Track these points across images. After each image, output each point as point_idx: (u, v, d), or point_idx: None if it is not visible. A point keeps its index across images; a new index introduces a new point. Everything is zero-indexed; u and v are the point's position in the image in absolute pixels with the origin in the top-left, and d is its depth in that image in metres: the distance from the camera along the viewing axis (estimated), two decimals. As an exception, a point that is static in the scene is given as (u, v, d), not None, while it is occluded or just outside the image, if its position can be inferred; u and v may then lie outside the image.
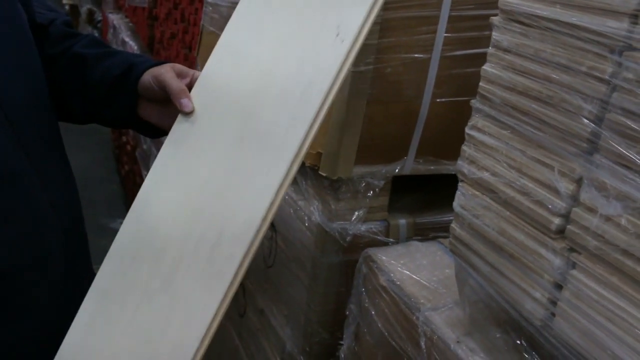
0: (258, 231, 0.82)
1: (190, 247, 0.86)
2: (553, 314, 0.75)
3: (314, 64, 0.88)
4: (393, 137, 1.31)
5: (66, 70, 1.04)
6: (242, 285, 1.74)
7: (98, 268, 0.91)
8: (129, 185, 3.72)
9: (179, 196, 0.90)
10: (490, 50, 0.85)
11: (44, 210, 0.92)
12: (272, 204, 0.83)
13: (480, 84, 0.86)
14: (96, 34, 4.41)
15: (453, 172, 1.33)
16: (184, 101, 0.93)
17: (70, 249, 0.97)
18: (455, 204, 0.91)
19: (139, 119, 1.03)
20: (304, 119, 0.85)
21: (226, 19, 1.00)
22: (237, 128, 0.89)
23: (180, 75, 0.97)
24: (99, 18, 4.88)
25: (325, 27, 0.89)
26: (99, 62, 1.03)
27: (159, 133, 1.06)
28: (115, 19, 3.91)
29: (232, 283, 0.81)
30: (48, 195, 0.93)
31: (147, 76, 0.98)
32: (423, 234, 1.38)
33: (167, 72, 0.96)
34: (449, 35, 1.26)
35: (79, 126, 1.17)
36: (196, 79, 0.97)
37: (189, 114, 0.93)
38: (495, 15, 0.84)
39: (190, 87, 0.96)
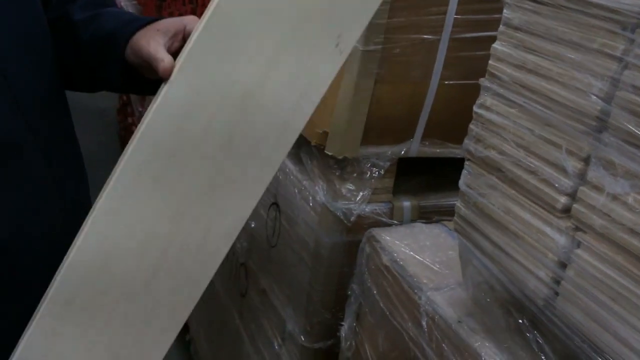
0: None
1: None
2: (556, 293, 0.75)
3: (309, 74, 0.81)
4: (400, 118, 1.30)
5: (60, 36, 0.97)
6: (245, 266, 1.75)
7: None
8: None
9: (156, 204, 0.80)
10: (500, 28, 0.84)
11: (47, 185, 0.90)
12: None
13: (490, 62, 0.85)
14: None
15: (459, 156, 1.34)
16: (163, 71, 0.77)
17: (71, 231, 0.91)
18: (461, 182, 0.90)
19: (137, 78, 0.92)
20: (295, 129, 0.83)
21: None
22: (223, 136, 0.80)
23: (168, 35, 0.85)
24: (107, -1, 4.86)
25: (325, 36, 0.80)
26: (88, 24, 0.96)
27: None
28: (122, 0, 3.89)
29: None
30: (52, 171, 0.90)
31: (128, 51, 0.89)
32: (427, 216, 1.38)
33: (144, 47, 0.84)
34: (458, 17, 1.25)
35: (84, 108, 1.17)
36: (190, 31, 0.82)
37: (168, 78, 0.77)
38: (506, -4, 0.84)
39: (184, 40, 0.83)
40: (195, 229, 0.83)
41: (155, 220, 0.80)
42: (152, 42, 0.84)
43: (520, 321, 0.85)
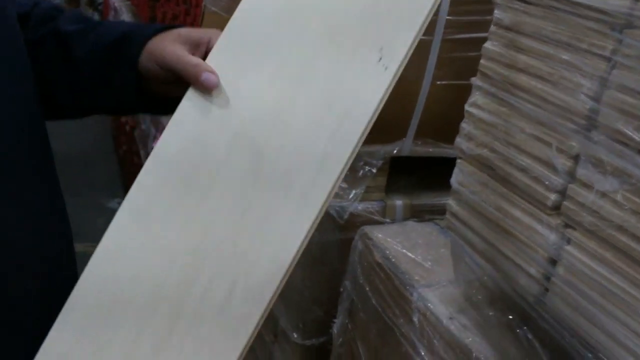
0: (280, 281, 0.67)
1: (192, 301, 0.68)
2: (547, 290, 0.76)
3: (348, 92, 0.70)
4: (392, 117, 1.31)
5: (50, 54, 0.84)
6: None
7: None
8: (127, 165, 3.73)
9: (173, 237, 0.69)
10: (491, 28, 0.85)
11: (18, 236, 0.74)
12: (296, 253, 0.67)
13: (481, 61, 0.87)
14: (97, 17, 4.39)
15: (451, 156, 1.35)
16: (205, 77, 0.70)
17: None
18: (452, 180, 0.91)
19: (147, 94, 0.81)
20: (337, 160, 0.68)
21: (230, -1, 0.83)
22: (249, 167, 0.69)
23: (190, 44, 0.76)
24: (100, 0, 4.86)
25: (365, 50, 0.71)
26: (84, 36, 0.83)
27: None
28: (116, 1, 3.89)
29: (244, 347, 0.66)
30: (26, 220, 0.75)
31: (145, 56, 0.77)
32: (419, 215, 1.39)
33: (169, 51, 0.75)
34: (450, 18, 1.27)
35: None
36: (212, 45, 0.74)
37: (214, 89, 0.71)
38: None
39: (206, 55, 0.74)
40: (218, 284, 0.68)
41: (171, 255, 0.69)
42: (177, 46, 0.75)
43: (510, 317, 0.86)
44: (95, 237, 0.75)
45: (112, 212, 0.74)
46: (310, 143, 0.69)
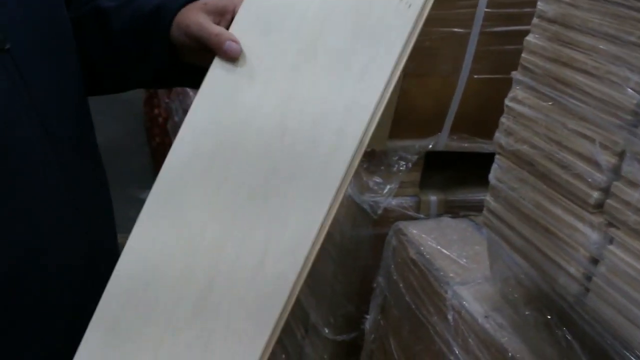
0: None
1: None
2: (587, 290, 0.74)
3: (369, 39, 0.66)
4: (428, 111, 1.29)
5: (92, 31, 0.87)
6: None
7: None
8: (159, 157, 3.75)
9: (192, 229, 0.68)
10: (534, 20, 0.83)
11: (66, 215, 0.78)
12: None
13: (523, 54, 0.84)
14: None
15: (487, 151, 1.33)
16: (227, 46, 0.71)
17: (92, 267, 0.80)
18: (490, 176, 0.90)
19: (180, 65, 0.83)
20: (358, 125, 0.65)
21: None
22: (269, 145, 0.67)
23: (215, 14, 0.77)
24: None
25: None
26: (123, 9, 0.85)
27: None
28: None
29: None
30: (73, 197, 0.79)
31: (175, 27, 0.79)
32: (453, 211, 1.37)
33: (194, 21, 0.76)
34: (489, 10, 1.24)
35: (111, 98, 1.04)
36: (236, 11, 0.75)
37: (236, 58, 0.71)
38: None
39: (230, 22, 0.75)
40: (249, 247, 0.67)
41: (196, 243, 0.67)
42: (201, 15, 0.76)
43: (548, 317, 0.84)
44: (128, 228, 0.76)
45: (142, 204, 0.74)
46: (327, 113, 0.67)
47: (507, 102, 0.87)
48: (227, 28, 0.74)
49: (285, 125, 0.67)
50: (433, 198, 1.35)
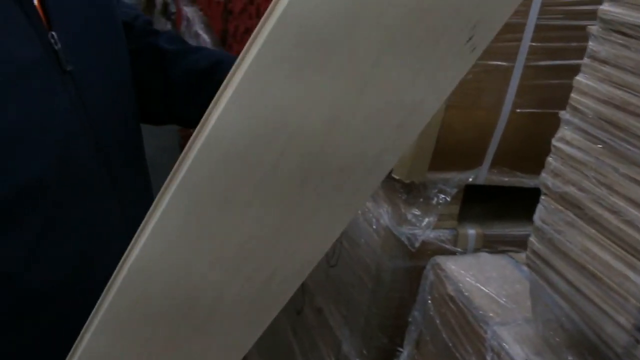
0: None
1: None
2: (638, 342, 0.72)
3: (430, 77, 0.59)
4: (469, 144, 1.28)
5: (147, 66, 0.95)
6: (302, 284, 1.74)
7: None
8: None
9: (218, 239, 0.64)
10: (585, 60, 0.81)
11: (117, 225, 0.85)
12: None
13: (572, 95, 0.83)
14: (169, 26, 4.48)
15: (528, 185, 1.31)
16: None
17: None
18: (535, 217, 0.87)
19: None
20: (391, 158, 0.64)
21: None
22: (295, 175, 0.61)
23: None
24: (173, 10, 4.96)
25: (457, 26, 0.57)
26: (181, 57, 0.92)
27: None
28: (189, 11, 3.95)
29: None
30: (122, 208, 0.85)
31: None
32: (491, 246, 1.35)
33: None
34: (534, 44, 1.23)
35: None
36: None
37: None
38: (585, 26, 0.81)
39: None
40: (257, 276, 0.68)
41: (208, 260, 0.64)
42: None
43: (594, 365, 0.82)
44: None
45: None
46: (377, 129, 0.61)
47: (554, 142, 0.85)
48: None
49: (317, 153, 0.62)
50: (471, 232, 1.33)
